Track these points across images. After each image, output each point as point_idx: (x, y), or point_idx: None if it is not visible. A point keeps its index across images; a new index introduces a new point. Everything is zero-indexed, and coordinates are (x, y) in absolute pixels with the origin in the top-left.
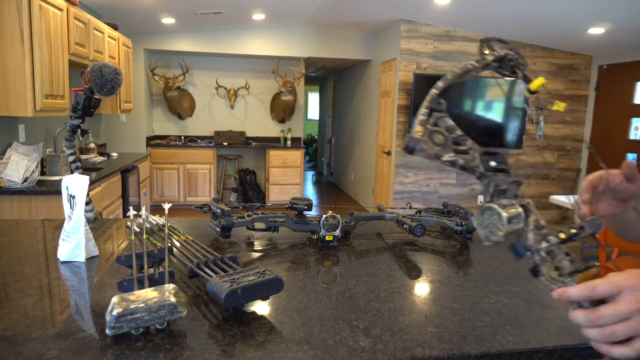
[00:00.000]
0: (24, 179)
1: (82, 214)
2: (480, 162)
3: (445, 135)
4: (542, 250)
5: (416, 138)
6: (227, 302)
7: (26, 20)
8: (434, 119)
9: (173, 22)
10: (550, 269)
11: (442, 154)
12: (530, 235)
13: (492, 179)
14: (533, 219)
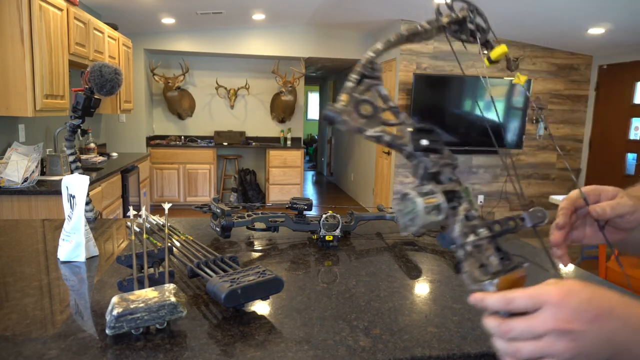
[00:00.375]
0: (24, 179)
1: (82, 214)
2: (411, 140)
3: (374, 106)
4: (468, 245)
5: (337, 108)
6: (227, 302)
7: (26, 20)
8: (364, 87)
9: (173, 22)
10: (473, 267)
11: (366, 128)
12: (457, 227)
13: (421, 160)
14: (464, 208)
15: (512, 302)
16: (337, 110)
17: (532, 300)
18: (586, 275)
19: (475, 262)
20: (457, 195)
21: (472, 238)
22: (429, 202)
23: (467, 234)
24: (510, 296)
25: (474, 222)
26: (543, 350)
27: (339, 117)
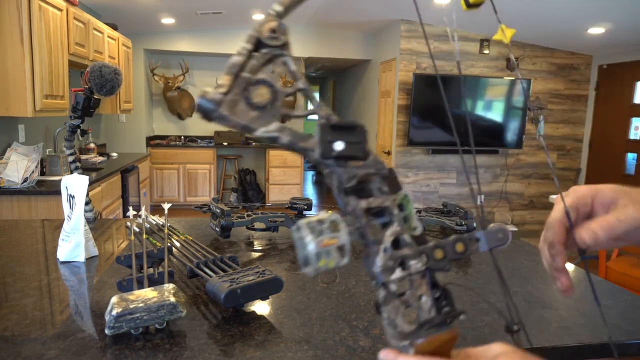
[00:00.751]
0: (24, 179)
1: (82, 214)
2: (320, 142)
3: (273, 90)
4: (392, 283)
5: (213, 96)
6: (226, 302)
7: (26, 21)
8: (260, 60)
9: (173, 22)
10: (397, 312)
11: (256, 127)
12: (378, 260)
13: (333, 171)
14: (393, 232)
15: None
16: (214, 99)
17: None
18: (586, 275)
19: (401, 305)
20: (388, 212)
21: (399, 274)
22: (326, 244)
23: (392, 269)
24: None
25: (404, 250)
26: None
27: (215, 110)
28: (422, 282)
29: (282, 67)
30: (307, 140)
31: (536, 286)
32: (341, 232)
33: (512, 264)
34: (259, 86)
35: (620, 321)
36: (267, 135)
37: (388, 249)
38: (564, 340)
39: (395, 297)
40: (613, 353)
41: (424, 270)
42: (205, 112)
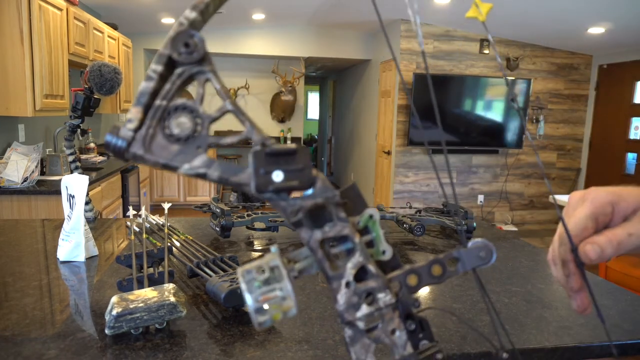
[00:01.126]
0: (24, 178)
1: (82, 214)
2: (255, 174)
3: (194, 116)
4: (359, 320)
5: (123, 133)
6: (226, 301)
7: (26, 20)
8: (177, 82)
9: (173, 22)
10: (365, 350)
11: (179, 164)
12: (340, 297)
13: (276, 205)
14: (355, 263)
15: None
16: (124, 137)
17: None
18: (586, 275)
19: (370, 343)
20: (347, 240)
21: (365, 311)
22: (266, 298)
23: (357, 305)
24: None
25: (370, 283)
26: None
27: (127, 150)
28: (393, 315)
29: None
30: (240, 174)
31: (536, 286)
32: (283, 280)
33: (512, 264)
34: (178, 114)
35: (621, 321)
36: (193, 172)
37: (351, 283)
38: (564, 340)
39: (364, 334)
40: (613, 353)
41: (394, 302)
42: (115, 152)
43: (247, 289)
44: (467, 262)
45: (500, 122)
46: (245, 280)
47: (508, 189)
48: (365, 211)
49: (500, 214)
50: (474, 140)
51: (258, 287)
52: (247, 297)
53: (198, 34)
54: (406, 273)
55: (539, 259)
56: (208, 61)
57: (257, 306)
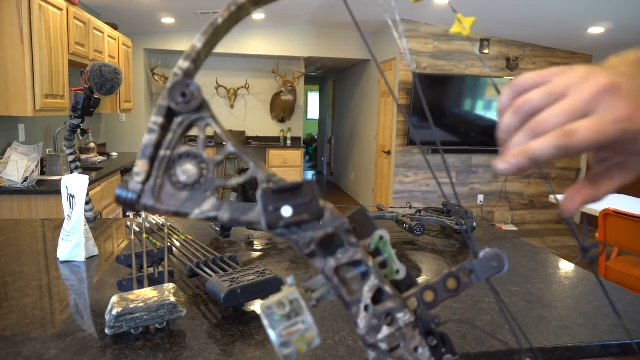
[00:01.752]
0: (24, 178)
1: (82, 214)
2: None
3: (199, 161)
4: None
5: (132, 186)
6: (226, 301)
7: (26, 20)
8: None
9: (173, 22)
10: None
11: (190, 210)
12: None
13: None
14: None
15: None
16: (134, 190)
17: None
18: (586, 275)
19: None
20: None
21: (386, 332)
22: (289, 332)
23: (378, 328)
24: None
25: (387, 304)
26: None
27: (138, 202)
28: (414, 333)
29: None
30: (250, 213)
31: (536, 286)
32: (304, 313)
33: (512, 264)
34: (183, 161)
35: (620, 321)
36: (203, 217)
37: (369, 306)
38: (564, 339)
39: (388, 355)
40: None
41: (414, 321)
42: (127, 204)
43: (269, 324)
44: (480, 273)
45: None
46: (267, 316)
47: (508, 189)
48: (375, 233)
49: (500, 213)
50: (474, 140)
51: (280, 321)
52: (270, 333)
53: (194, 83)
54: (422, 290)
55: (539, 258)
56: (206, 107)
57: (281, 341)
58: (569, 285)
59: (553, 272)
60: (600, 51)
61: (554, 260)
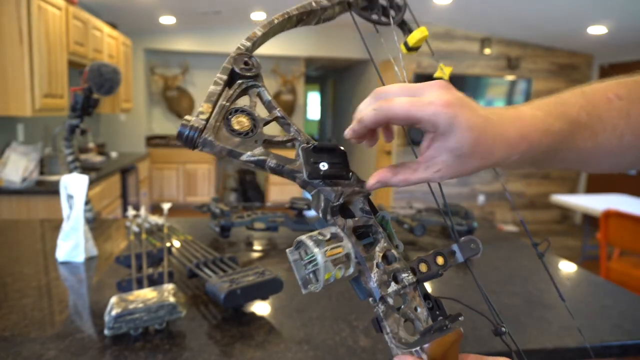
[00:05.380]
0: (23, 178)
1: (82, 214)
2: (306, 164)
3: (253, 118)
4: (389, 296)
5: (195, 123)
6: (226, 302)
7: (25, 19)
8: (237, 91)
9: (172, 22)
10: (398, 325)
11: (242, 151)
12: (373, 275)
13: (321, 190)
14: (382, 247)
15: None
16: (197, 125)
17: None
18: (587, 275)
19: (400, 317)
20: (372, 231)
21: (394, 287)
22: (332, 253)
23: (387, 283)
24: None
25: (394, 265)
26: None
27: (200, 136)
28: (415, 295)
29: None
30: (293, 163)
31: (537, 286)
32: (344, 241)
33: (513, 264)
34: (238, 115)
35: (621, 321)
36: (254, 159)
37: (380, 264)
38: (565, 340)
39: (394, 310)
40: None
41: (415, 282)
42: (188, 138)
43: (315, 244)
44: (462, 253)
45: None
46: (313, 239)
47: (508, 189)
48: (379, 213)
49: (501, 213)
50: None
51: (324, 242)
52: (315, 252)
53: (255, 57)
54: (418, 261)
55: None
56: (260, 78)
57: (325, 260)
58: (569, 286)
59: (554, 272)
60: (602, 51)
61: (555, 260)
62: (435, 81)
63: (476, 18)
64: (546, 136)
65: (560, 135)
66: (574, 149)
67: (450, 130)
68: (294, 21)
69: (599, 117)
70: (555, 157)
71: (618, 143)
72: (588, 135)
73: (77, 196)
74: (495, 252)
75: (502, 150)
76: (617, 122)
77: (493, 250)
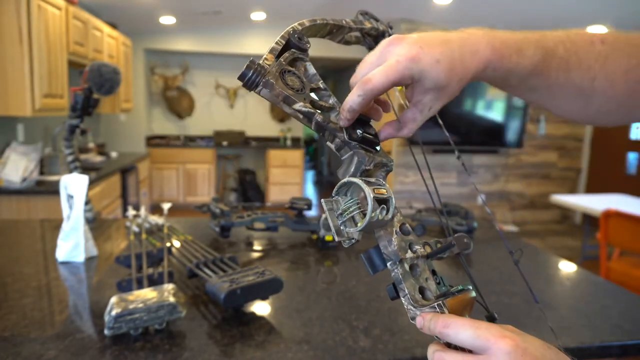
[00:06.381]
0: (23, 178)
1: (82, 214)
2: (344, 128)
3: (302, 81)
4: (406, 262)
5: (262, 66)
6: (226, 302)
7: (25, 19)
8: (290, 56)
9: (172, 22)
10: (414, 288)
11: (296, 100)
12: (394, 240)
13: (356, 152)
14: (399, 219)
15: (449, 326)
16: (261, 68)
17: (475, 341)
18: (587, 275)
19: (415, 283)
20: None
21: (410, 254)
22: (379, 192)
23: (404, 249)
24: (450, 321)
25: (409, 237)
26: None
27: (263, 79)
28: (425, 267)
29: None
30: (335, 124)
31: (537, 286)
32: (386, 186)
33: (513, 264)
34: (291, 74)
35: (621, 321)
36: (305, 110)
37: (399, 232)
38: (564, 340)
39: (410, 275)
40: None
41: (426, 255)
42: (251, 79)
43: (363, 182)
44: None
45: (500, 122)
46: (363, 181)
47: (509, 189)
48: None
49: (501, 214)
50: (474, 140)
51: (371, 184)
52: (364, 188)
53: (306, 37)
54: (424, 244)
55: (539, 259)
56: (307, 53)
57: (373, 195)
58: (569, 286)
59: (554, 272)
60: None
61: (555, 260)
62: (391, 39)
63: (476, 18)
64: (518, 55)
65: (533, 59)
66: (546, 77)
67: (421, 74)
68: (327, 30)
69: (575, 54)
70: (528, 81)
71: (589, 85)
72: (562, 67)
73: (77, 196)
74: (495, 252)
75: (475, 64)
76: (593, 63)
77: (493, 250)
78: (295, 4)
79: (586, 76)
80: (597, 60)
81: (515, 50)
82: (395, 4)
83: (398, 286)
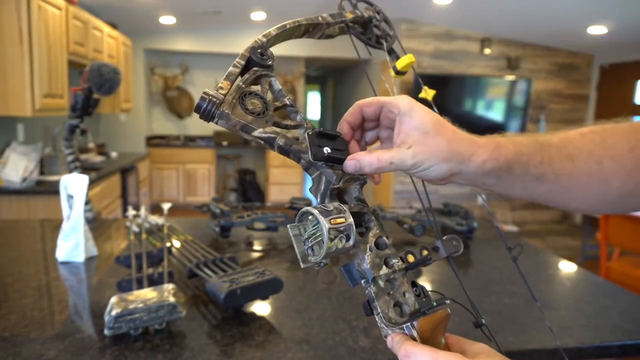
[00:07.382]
0: (23, 178)
1: (82, 214)
2: (310, 147)
3: (264, 102)
4: (381, 279)
5: (214, 96)
6: (226, 302)
7: (25, 19)
8: (251, 77)
9: (173, 22)
10: (388, 306)
11: (254, 127)
12: (367, 257)
13: (323, 171)
14: (374, 234)
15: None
16: (215, 99)
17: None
18: (587, 275)
19: (390, 300)
20: (366, 219)
21: (385, 271)
22: (336, 222)
23: (379, 266)
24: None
25: (385, 251)
26: None
27: (217, 110)
28: (403, 280)
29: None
30: (300, 145)
31: (536, 286)
32: (346, 214)
33: (513, 264)
34: (252, 97)
35: (621, 321)
36: (265, 136)
37: (373, 248)
38: (564, 340)
39: (385, 293)
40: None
41: (404, 268)
42: (206, 110)
43: (320, 213)
44: (445, 249)
45: (500, 122)
46: (318, 209)
47: None
48: (371, 206)
49: (501, 213)
50: None
51: (328, 212)
52: (320, 219)
53: (269, 50)
54: (405, 252)
55: (540, 259)
56: (273, 69)
57: (328, 227)
58: (569, 286)
59: (554, 272)
60: (602, 51)
61: (555, 260)
62: None
63: (476, 18)
64: (514, 145)
65: (528, 147)
66: (548, 163)
67: (411, 109)
68: (302, 31)
69: (571, 142)
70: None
71: (598, 168)
72: (563, 154)
73: (77, 196)
74: (495, 252)
75: (468, 148)
76: (592, 148)
77: (493, 250)
78: (295, 4)
79: (591, 160)
80: (595, 144)
81: (512, 142)
82: (395, 4)
83: (371, 304)
